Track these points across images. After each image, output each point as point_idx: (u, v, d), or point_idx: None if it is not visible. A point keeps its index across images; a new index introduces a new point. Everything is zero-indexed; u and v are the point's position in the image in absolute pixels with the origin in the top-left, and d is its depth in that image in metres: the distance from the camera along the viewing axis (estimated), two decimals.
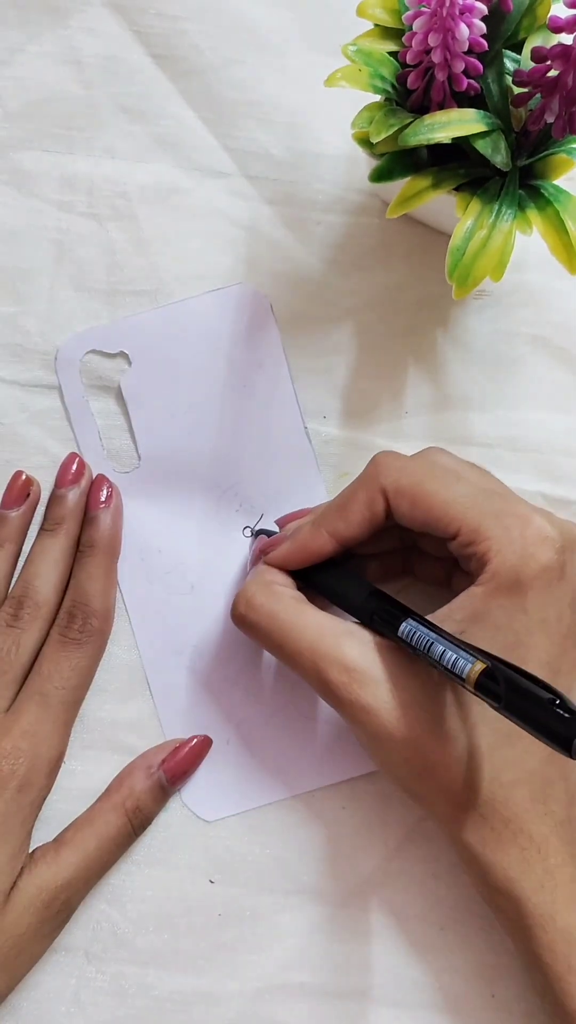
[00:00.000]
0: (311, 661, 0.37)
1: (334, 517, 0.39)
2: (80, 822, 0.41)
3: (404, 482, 0.38)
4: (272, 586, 0.39)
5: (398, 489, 0.38)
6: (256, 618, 0.38)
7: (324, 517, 0.39)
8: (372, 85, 0.38)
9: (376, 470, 0.38)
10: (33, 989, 0.41)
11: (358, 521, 0.38)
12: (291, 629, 0.37)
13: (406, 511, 0.37)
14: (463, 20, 0.35)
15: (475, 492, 0.37)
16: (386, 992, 0.42)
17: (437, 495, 0.37)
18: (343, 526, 0.38)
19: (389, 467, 0.38)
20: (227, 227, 0.47)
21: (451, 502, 0.37)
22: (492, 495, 0.38)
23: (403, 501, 0.37)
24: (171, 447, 0.45)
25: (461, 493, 0.37)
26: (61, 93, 0.47)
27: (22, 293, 0.46)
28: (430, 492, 0.37)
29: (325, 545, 0.39)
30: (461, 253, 0.37)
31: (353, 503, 0.38)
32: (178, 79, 0.47)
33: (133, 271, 0.46)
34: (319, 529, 0.39)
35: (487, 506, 0.37)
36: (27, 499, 0.44)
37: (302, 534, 0.39)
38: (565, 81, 0.35)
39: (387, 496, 0.38)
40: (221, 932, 0.42)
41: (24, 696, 0.41)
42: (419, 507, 0.37)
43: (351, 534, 0.39)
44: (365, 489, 0.38)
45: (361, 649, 0.37)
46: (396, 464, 0.38)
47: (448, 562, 0.42)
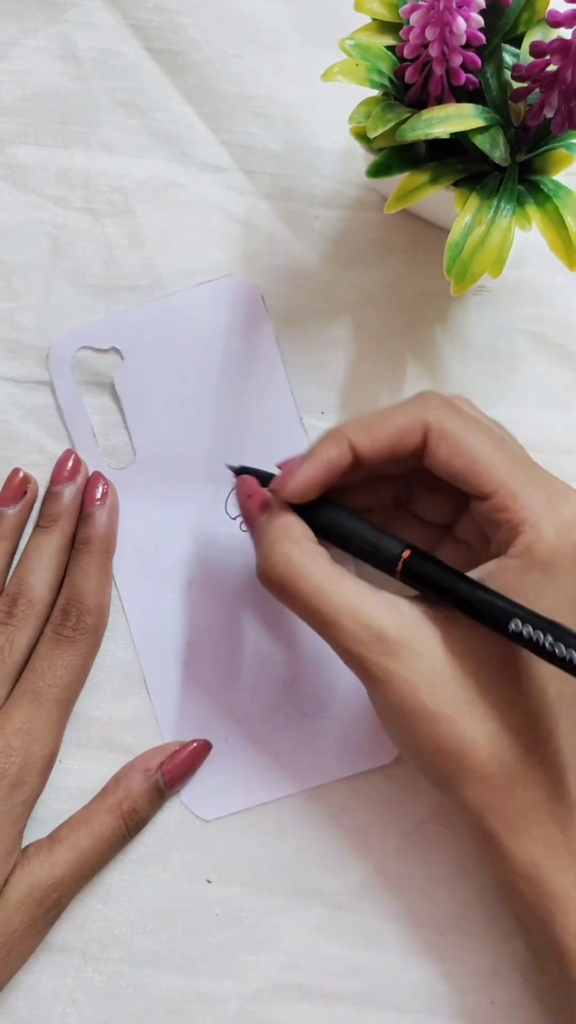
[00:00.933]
0: (349, 631, 0.35)
1: (359, 428, 0.36)
2: (75, 821, 0.41)
3: (450, 425, 0.36)
4: (305, 543, 0.36)
5: (443, 431, 0.36)
6: (293, 580, 0.35)
7: (348, 426, 0.36)
8: (369, 80, 0.37)
9: (424, 404, 0.37)
10: (29, 989, 0.41)
11: (384, 443, 0.36)
12: (330, 595, 0.35)
13: (443, 456, 0.36)
14: (461, 14, 0.35)
15: (519, 459, 0.36)
16: (384, 996, 0.42)
17: (483, 450, 0.35)
18: (367, 441, 0.36)
19: (438, 406, 0.36)
20: (224, 222, 0.46)
21: (495, 461, 0.35)
22: (532, 466, 0.37)
23: (445, 444, 0.36)
24: (167, 443, 0.45)
25: (505, 456, 0.36)
26: (57, 87, 0.46)
27: (17, 288, 0.45)
28: (476, 444, 0.35)
29: (344, 456, 0.36)
30: (459, 249, 0.37)
31: (387, 422, 0.36)
32: (175, 73, 0.47)
33: (130, 266, 0.46)
34: (341, 437, 0.36)
35: (529, 475, 0.36)
36: (24, 496, 0.44)
37: (320, 446, 0.36)
38: (564, 76, 0.35)
39: (428, 432, 0.36)
40: (218, 932, 0.42)
41: (17, 694, 0.41)
42: (460, 456, 0.35)
43: (372, 453, 0.36)
44: (406, 415, 0.36)
45: (401, 621, 0.35)
46: (446, 407, 0.37)
47: (438, 532, 0.40)
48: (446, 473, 0.36)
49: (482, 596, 0.34)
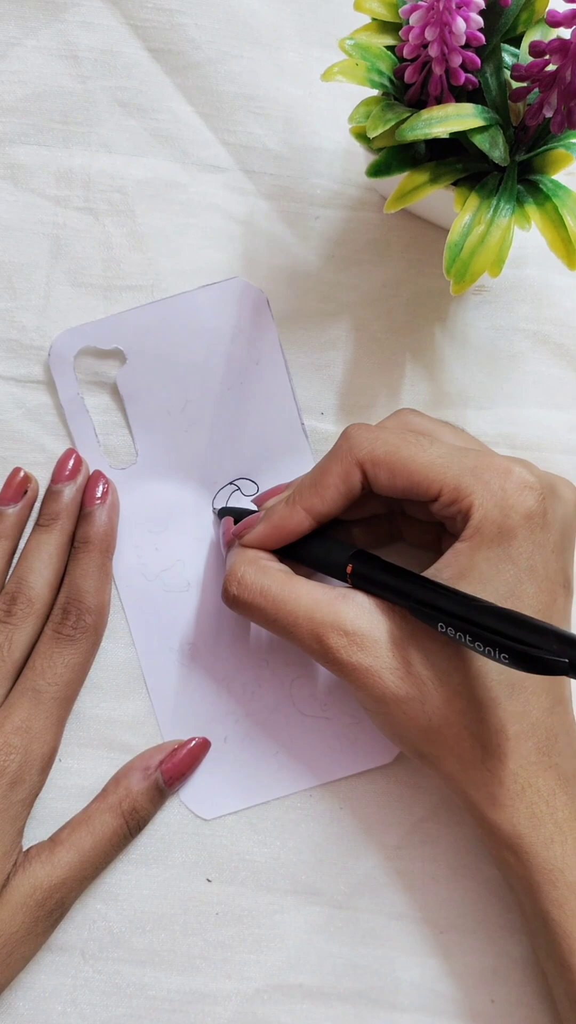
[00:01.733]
0: (308, 630, 0.37)
1: (309, 493, 0.39)
2: (76, 822, 0.41)
3: (379, 452, 0.37)
4: (258, 562, 0.39)
5: (374, 460, 0.37)
6: (249, 597, 0.38)
7: (299, 494, 0.39)
8: (369, 79, 0.37)
9: (349, 443, 0.38)
10: (29, 989, 0.41)
11: (333, 496, 0.38)
12: (284, 602, 0.37)
13: (385, 481, 0.37)
14: (460, 14, 0.35)
15: (451, 451, 0.37)
16: (384, 995, 0.42)
17: (414, 460, 0.37)
18: (318, 502, 0.38)
19: (362, 439, 0.38)
20: (224, 222, 0.46)
21: (429, 465, 0.37)
22: (467, 452, 0.38)
23: (381, 471, 0.37)
24: (168, 443, 0.45)
25: (437, 454, 0.37)
26: (57, 87, 0.46)
27: (18, 288, 0.45)
28: (406, 458, 0.37)
29: (302, 523, 0.39)
30: (459, 248, 0.37)
31: (328, 478, 0.38)
32: (175, 73, 0.47)
33: (130, 266, 0.46)
34: (295, 507, 0.39)
35: (465, 463, 0.37)
36: (24, 496, 0.44)
37: (277, 513, 0.39)
38: (563, 75, 0.35)
39: (364, 468, 0.38)
40: (218, 931, 0.42)
41: (17, 692, 0.41)
42: (398, 475, 0.37)
43: (327, 510, 0.39)
44: (340, 463, 0.38)
45: (357, 611, 0.37)
46: (369, 435, 0.38)
47: (436, 525, 0.41)
48: (394, 493, 0.38)
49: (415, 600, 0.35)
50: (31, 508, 0.44)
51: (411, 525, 0.43)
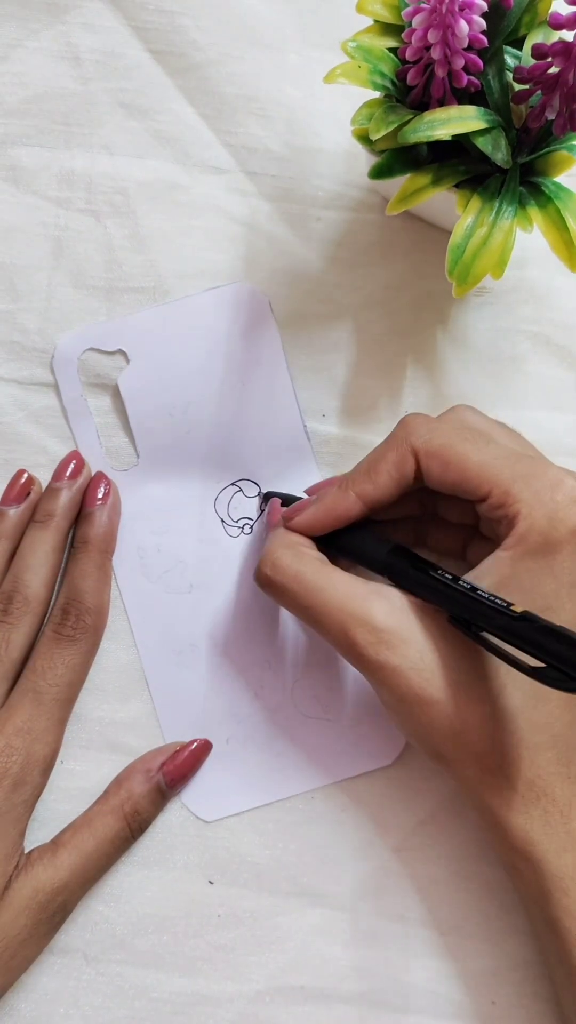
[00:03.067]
0: (338, 622, 0.36)
1: (362, 479, 0.39)
2: (78, 824, 0.41)
3: (435, 443, 0.37)
4: (297, 547, 0.39)
5: (429, 450, 0.37)
6: (282, 579, 0.38)
7: (352, 479, 0.39)
8: (372, 81, 0.37)
9: (406, 431, 0.38)
10: (31, 991, 0.41)
11: (386, 483, 0.38)
12: (318, 590, 0.37)
13: (437, 473, 0.37)
14: (463, 16, 0.35)
15: (506, 454, 0.37)
16: (385, 997, 0.42)
17: (469, 457, 0.37)
18: (371, 488, 0.38)
19: (419, 428, 0.38)
20: (226, 223, 0.46)
21: (482, 464, 0.36)
22: (522, 457, 0.37)
23: (434, 462, 0.37)
24: (170, 445, 0.45)
25: (492, 455, 0.37)
26: (59, 89, 0.46)
27: (20, 290, 0.45)
28: (462, 454, 0.37)
29: (352, 507, 0.39)
30: (461, 251, 0.37)
31: (382, 464, 0.38)
32: (177, 75, 0.47)
33: (132, 268, 0.46)
34: (347, 491, 0.39)
35: (518, 468, 0.36)
36: (27, 498, 0.44)
37: (329, 497, 0.39)
38: (566, 78, 0.35)
39: (418, 457, 0.38)
40: (220, 933, 0.42)
41: (17, 693, 0.41)
42: (451, 469, 0.37)
43: (379, 496, 0.38)
44: (395, 450, 0.38)
45: (389, 609, 0.36)
46: (427, 426, 0.38)
47: (465, 532, 0.41)
48: (443, 487, 0.38)
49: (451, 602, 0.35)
50: (33, 510, 0.44)
51: (438, 529, 0.43)
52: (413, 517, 0.43)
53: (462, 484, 0.37)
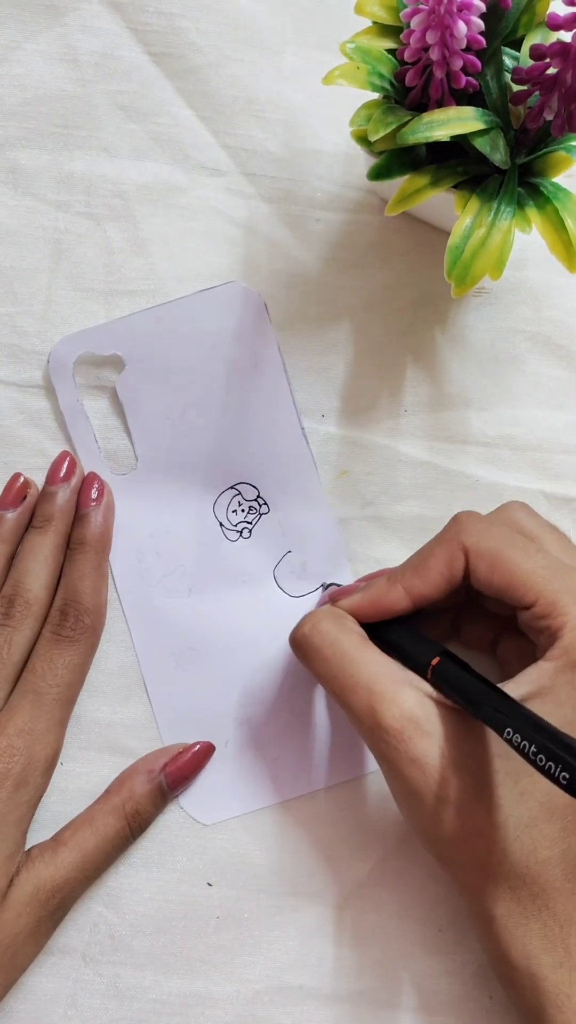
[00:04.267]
0: (366, 700, 0.36)
1: (411, 574, 0.38)
2: (79, 822, 0.41)
3: (485, 545, 0.37)
4: (341, 619, 0.39)
5: (479, 551, 0.37)
6: (319, 642, 0.38)
7: (401, 573, 0.39)
8: (370, 83, 0.37)
9: (458, 528, 0.38)
10: (30, 992, 0.41)
11: (435, 580, 0.38)
12: (351, 662, 0.37)
13: (483, 575, 0.37)
14: (461, 17, 0.35)
15: (555, 565, 0.37)
16: (384, 994, 0.42)
17: (517, 564, 0.37)
18: (420, 583, 0.38)
19: (472, 527, 0.38)
20: (225, 225, 0.46)
21: (530, 572, 0.36)
22: (572, 570, 0.37)
23: (482, 563, 0.37)
24: (168, 449, 0.45)
25: (541, 564, 0.37)
26: (58, 91, 0.46)
27: (19, 293, 0.45)
28: (511, 559, 0.37)
29: (399, 601, 0.38)
30: (460, 251, 0.37)
31: (432, 561, 0.38)
32: (175, 77, 0.47)
33: (131, 271, 0.46)
34: (395, 584, 0.38)
35: (567, 581, 0.36)
36: (24, 501, 0.44)
37: (377, 587, 0.39)
38: (564, 78, 0.35)
39: (468, 556, 0.37)
40: (219, 935, 0.42)
41: (18, 694, 0.41)
42: (498, 573, 0.37)
43: (427, 592, 0.38)
44: (446, 547, 0.38)
45: (418, 699, 0.36)
46: (478, 526, 0.38)
47: (498, 628, 0.41)
48: (489, 590, 0.37)
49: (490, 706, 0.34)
50: (30, 513, 0.44)
51: (472, 624, 0.42)
52: (448, 609, 0.42)
53: (508, 590, 0.37)
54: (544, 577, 0.36)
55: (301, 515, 0.45)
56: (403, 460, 0.46)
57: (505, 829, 0.35)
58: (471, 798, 0.35)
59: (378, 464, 0.46)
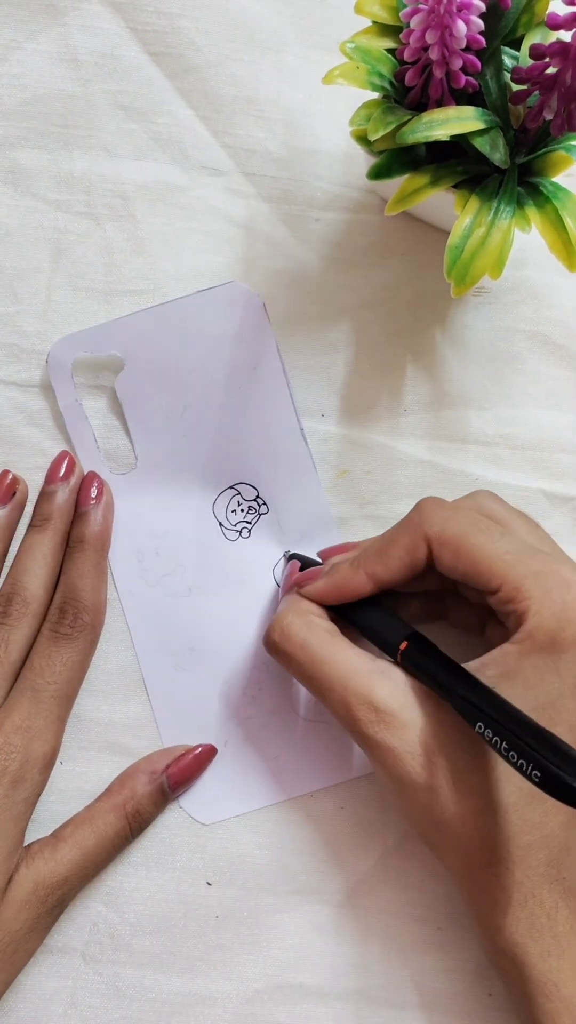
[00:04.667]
0: (341, 697, 0.36)
1: (374, 559, 0.39)
2: (79, 819, 0.41)
3: (449, 533, 0.37)
4: (307, 616, 0.39)
5: (442, 539, 0.37)
6: (290, 648, 0.38)
7: (364, 557, 0.39)
8: (370, 82, 0.37)
9: (420, 517, 0.38)
10: (30, 991, 0.41)
11: (397, 567, 0.38)
12: (323, 662, 0.37)
13: (448, 562, 0.37)
14: (461, 17, 0.35)
15: (520, 548, 0.37)
16: (384, 992, 0.42)
17: (481, 549, 0.37)
18: (382, 569, 0.38)
19: (434, 515, 0.38)
20: (225, 225, 0.46)
21: (494, 558, 0.36)
22: (536, 553, 0.37)
23: (446, 551, 0.37)
24: (167, 448, 0.45)
25: (505, 549, 0.37)
26: (58, 91, 0.46)
27: (19, 293, 0.45)
28: (474, 545, 0.37)
29: (363, 586, 0.39)
30: (459, 251, 0.37)
31: (395, 548, 0.38)
32: (175, 76, 0.47)
33: (131, 270, 0.46)
34: (358, 569, 0.39)
35: (530, 565, 0.36)
36: (13, 497, 0.44)
37: (340, 572, 0.39)
38: (564, 78, 0.35)
39: (430, 544, 0.38)
40: (218, 934, 0.42)
41: (16, 692, 0.41)
42: (462, 560, 0.37)
43: (389, 578, 0.38)
44: (408, 535, 0.38)
45: (392, 690, 0.36)
46: (441, 513, 0.38)
47: (484, 610, 0.41)
48: (454, 576, 0.38)
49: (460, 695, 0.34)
50: (21, 510, 0.44)
51: (459, 606, 0.42)
52: (434, 591, 0.43)
53: (472, 576, 0.37)
54: (508, 562, 0.36)
55: (301, 515, 0.45)
56: (403, 459, 0.46)
57: (486, 815, 0.35)
58: (449, 784, 0.35)
59: (378, 463, 0.46)
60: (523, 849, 0.35)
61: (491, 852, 0.35)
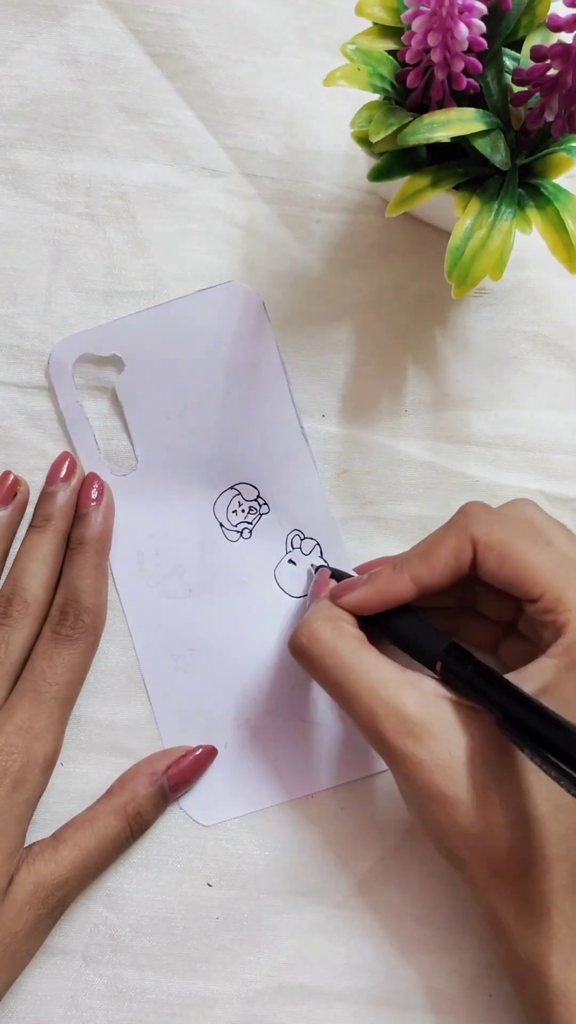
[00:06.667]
0: (367, 706, 0.36)
1: (418, 562, 0.38)
2: (80, 821, 0.41)
3: (495, 536, 0.37)
4: (337, 621, 0.38)
5: (488, 542, 0.37)
6: (318, 652, 0.37)
7: (408, 561, 0.38)
8: (371, 84, 0.37)
9: (467, 519, 0.38)
10: (30, 992, 0.41)
11: (442, 569, 0.38)
12: (351, 669, 0.36)
13: (492, 567, 0.37)
14: (462, 19, 0.35)
15: (563, 560, 0.37)
16: (384, 993, 0.42)
17: (526, 556, 0.36)
18: (426, 572, 0.38)
19: (480, 518, 0.38)
20: (226, 226, 0.46)
21: (539, 566, 0.36)
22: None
23: (491, 555, 0.37)
24: (168, 449, 0.45)
25: (550, 558, 0.37)
26: (58, 92, 0.46)
27: (19, 294, 0.45)
28: (520, 552, 0.37)
29: (406, 591, 0.38)
30: (460, 252, 0.37)
31: (440, 549, 0.38)
32: (176, 78, 0.47)
33: (131, 272, 0.46)
34: (402, 572, 0.38)
35: (573, 577, 0.36)
36: (15, 498, 0.44)
37: (383, 578, 0.38)
38: (565, 80, 0.35)
39: (476, 548, 0.37)
40: (219, 935, 0.42)
41: (17, 693, 0.41)
42: (507, 565, 0.36)
43: (434, 581, 0.38)
44: (455, 536, 0.38)
45: (422, 700, 0.36)
46: (488, 517, 0.38)
47: (500, 628, 0.41)
48: (496, 581, 0.37)
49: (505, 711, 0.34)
50: (22, 511, 0.44)
51: (475, 624, 0.42)
52: (450, 608, 0.42)
53: (515, 583, 0.36)
54: (552, 571, 0.36)
55: (301, 515, 0.45)
56: (403, 460, 0.46)
57: (513, 827, 0.35)
58: (480, 796, 0.35)
59: (378, 464, 0.46)
60: (548, 861, 0.35)
61: (516, 864, 0.35)
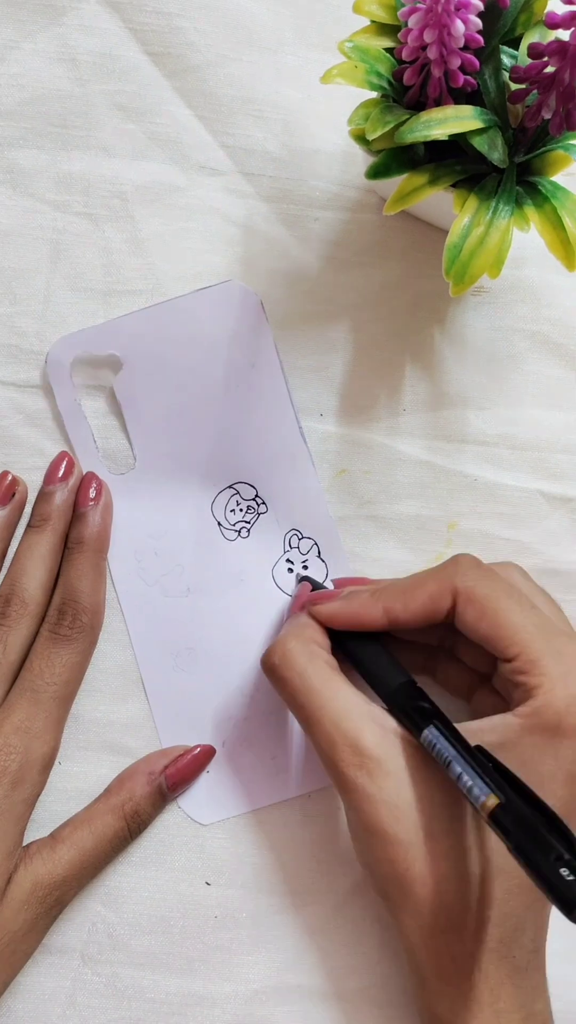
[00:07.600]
0: (328, 734, 0.36)
1: (396, 596, 0.38)
2: (78, 820, 0.41)
3: (479, 591, 0.37)
4: (310, 645, 0.39)
5: (471, 596, 0.37)
6: (288, 674, 0.38)
7: (386, 592, 0.39)
8: (368, 82, 0.37)
9: (455, 569, 0.38)
10: (28, 991, 0.41)
11: (417, 610, 0.38)
12: (317, 695, 0.37)
13: (471, 620, 0.37)
14: (459, 16, 0.35)
15: (544, 625, 0.37)
16: (382, 993, 0.42)
17: (508, 615, 0.37)
18: (401, 608, 0.38)
19: (468, 571, 0.38)
20: (224, 225, 0.46)
21: (519, 626, 0.36)
22: (560, 633, 0.37)
23: (472, 609, 0.37)
24: (166, 448, 0.45)
25: (531, 621, 0.37)
26: (56, 91, 0.46)
27: (17, 293, 0.45)
28: (502, 610, 0.37)
29: (377, 619, 0.38)
30: (458, 250, 0.37)
31: (419, 591, 0.38)
32: (173, 76, 0.47)
33: (130, 271, 0.46)
34: (376, 602, 0.39)
35: (552, 643, 0.36)
36: (13, 498, 0.44)
37: (358, 600, 0.39)
38: (562, 77, 0.35)
39: (456, 598, 0.37)
40: (217, 934, 0.42)
41: (15, 693, 0.41)
42: (486, 621, 0.37)
43: (405, 618, 0.38)
44: (437, 583, 0.38)
45: (381, 737, 0.36)
46: (475, 571, 0.38)
47: (475, 676, 0.41)
48: (473, 635, 0.37)
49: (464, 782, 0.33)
50: (20, 511, 0.44)
51: (450, 666, 0.42)
52: (429, 646, 0.42)
53: (492, 639, 0.37)
54: (531, 634, 0.36)
55: (299, 514, 0.45)
56: (402, 459, 0.46)
57: (451, 881, 0.35)
58: (421, 844, 0.35)
59: (377, 463, 0.46)
60: (479, 922, 0.34)
61: (447, 919, 0.35)
